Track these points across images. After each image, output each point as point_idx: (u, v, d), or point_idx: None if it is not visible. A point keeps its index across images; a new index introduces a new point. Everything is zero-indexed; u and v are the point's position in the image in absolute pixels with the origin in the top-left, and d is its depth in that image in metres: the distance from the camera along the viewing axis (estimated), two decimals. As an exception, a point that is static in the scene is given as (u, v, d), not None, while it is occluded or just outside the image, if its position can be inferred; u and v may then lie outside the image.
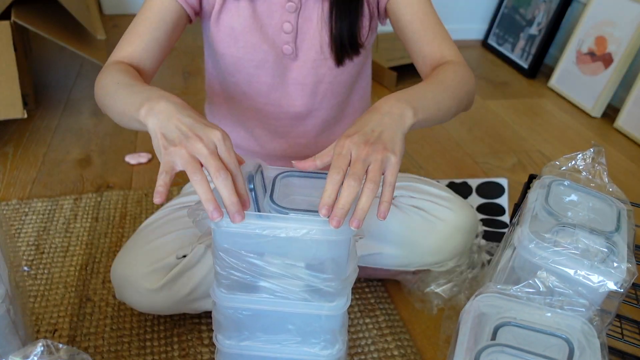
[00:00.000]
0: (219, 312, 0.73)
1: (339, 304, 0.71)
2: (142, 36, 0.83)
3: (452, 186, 1.44)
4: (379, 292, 1.10)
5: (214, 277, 0.71)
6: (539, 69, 2.28)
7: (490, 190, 1.43)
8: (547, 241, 0.67)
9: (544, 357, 0.55)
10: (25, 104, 1.51)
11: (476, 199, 1.40)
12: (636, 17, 1.87)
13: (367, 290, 1.11)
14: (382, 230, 0.97)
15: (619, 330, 0.94)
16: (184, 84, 2.07)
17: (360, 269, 0.74)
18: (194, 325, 1.00)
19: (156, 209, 1.31)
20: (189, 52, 2.31)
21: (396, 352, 0.97)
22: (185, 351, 0.96)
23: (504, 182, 1.45)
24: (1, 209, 1.30)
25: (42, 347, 0.51)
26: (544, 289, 0.62)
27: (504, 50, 2.47)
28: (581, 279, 0.65)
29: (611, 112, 1.94)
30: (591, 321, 0.61)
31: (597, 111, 1.95)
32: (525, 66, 2.31)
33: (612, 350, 0.95)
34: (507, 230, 0.80)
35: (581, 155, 0.79)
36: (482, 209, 1.36)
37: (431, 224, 0.98)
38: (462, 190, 1.42)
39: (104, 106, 0.78)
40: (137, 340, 0.97)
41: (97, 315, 1.02)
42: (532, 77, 2.29)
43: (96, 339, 0.97)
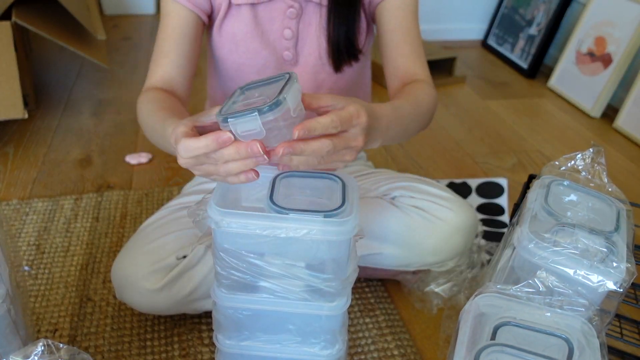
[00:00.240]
0: (219, 312, 0.74)
1: (339, 304, 0.71)
2: (168, 55, 0.87)
3: (451, 186, 1.44)
4: (379, 292, 1.10)
5: (215, 277, 0.72)
6: (538, 69, 2.29)
7: (489, 190, 1.43)
8: (547, 241, 0.68)
9: (544, 356, 0.56)
10: (25, 104, 1.51)
11: (476, 199, 1.40)
12: (636, 17, 1.87)
13: (367, 290, 1.11)
14: (382, 230, 0.97)
15: (618, 329, 0.94)
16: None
17: (360, 269, 0.74)
18: (194, 325, 1.01)
19: (156, 209, 1.31)
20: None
21: (396, 352, 0.97)
22: (185, 351, 0.96)
23: (503, 182, 1.45)
24: (2, 208, 1.30)
25: (43, 347, 0.51)
26: (544, 289, 0.62)
27: (504, 50, 2.47)
28: (581, 278, 0.65)
29: (610, 112, 1.94)
30: (591, 321, 0.61)
31: (596, 111, 1.96)
32: (524, 66, 2.31)
33: (611, 349, 0.95)
34: (506, 230, 0.80)
35: (580, 155, 0.79)
36: (481, 208, 1.37)
37: (431, 224, 0.98)
38: (461, 190, 1.43)
39: (144, 132, 0.86)
40: (137, 339, 0.98)
41: (97, 315, 1.02)
42: (531, 77, 2.29)
43: (97, 338, 0.98)
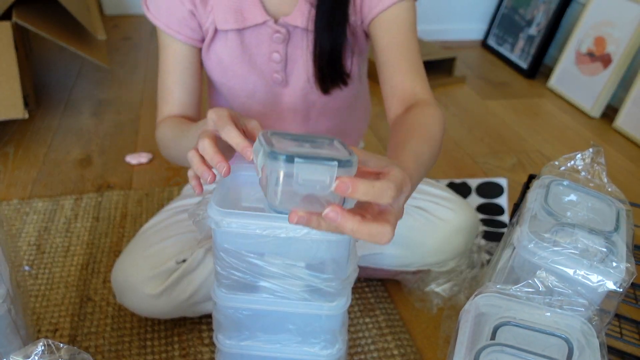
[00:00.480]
0: (219, 312, 0.74)
1: (339, 304, 0.71)
2: (173, 92, 0.89)
3: (451, 186, 1.44)
4: (379, 292, 1.10)
5: (215, 277, 0.72)
6: (538, 69, 2.29)
7: (489, 190, 1.43)
8: (547, 241, 0.68)
9: (544, 356, 0.56)
10: (26, 104, 1.51)
11: (476, 199, 1.40)
12: (635, 17, 1.87)
13: (367, 289, 1.11)
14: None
15: (618, 329, 0.94)
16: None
17: (360, 269, 0.74)
18: (194, 325, 1.01)
19: (157, 209, 1.31)
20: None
21: (396, 352, 0.98)
22: (185, 351, 0.96)
23: (503, 182, 1.45)
24: (2, 208, 1.30)
25: (43, 347, 0.51)
26: (543, 289, 0.62)
27: (504, 50, 2.47)
28: (580, 278, 0.65)
29: (610, 112, 1.94)
30: (590, 321, 0.61)
31: (596, 111, 1.96)
32: (524, 66, 2.31)
33: (611, 349, 0.95)
34: (506, 230, 0.80)
35: (580, 155, 0.79)
36: (481, 208, 1.37)
37: (432, 224, 0.98)
38: (461, 190, 1.43)
39: (171, 157, 0.86)
40: (137, 339, 0.98)
41: (97, 314, 1.03)
42: (531, 77, 2.29)
43: (97, 338, 0.98)
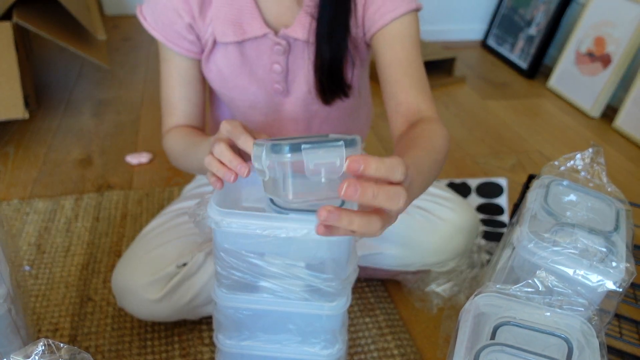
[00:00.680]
0: (219, 312, 0.74)
1: (339, 304, 0.71)
2: (177, 106, 0.90)
3: (451, 186, 1.44)
4: (379, 292, 1.10)
5: (215, 277, 0.72)
6: (538, 69, 2.29)
7: (489, 190, 1.43)
8: (546, 241, 0.68)
9: (543, 356, 0.56)
10: (26, 105, 1.52)
11: (476, 199, 1.40)
12: (635, 17, 1.87)
13: (367, 289, 1.11)
14: (383, 230, 0.97)
15: (617, 329, 0.94)
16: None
17: (361, 269, 0.74)
18: (194, 324, 1.01)
19: (157, 209, 1.31)
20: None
21: (396, 352, 0.98)
22: (185, 350, 0.96)
23: (503, 182, 1.45)
24: (2, 208, 1.30)
25: (43, 347, 0.51)
26: (543, 289, 0.62)
27: (503, 50, 2.47)
28: (580, 278, 0.65)
29: (610, 113, 1.94)
30: (590, 321, 0.61)
31: (595, 111, 1.96)
32: (524, 67, 2.31)
33: (611, 349, 0.95)
34: (506, 230, 0.81)
35: (580, 155, 0.79)
36: (481, 208, 1.37)
37: (433, 224, 0.98)
38: (461, 190, 1.43)
39: (181, 167, 0.89)
40: (137, 339, 0.98)
41: (98, 314, 1.03)
42: (531, 77, 2.29)
43: (97, 338, 0.98)
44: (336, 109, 0.92)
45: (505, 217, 1.34)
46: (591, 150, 0.78)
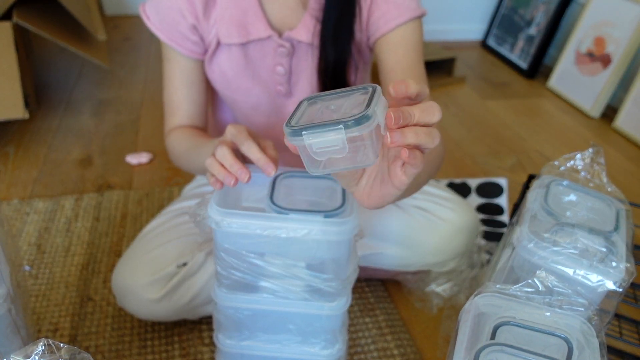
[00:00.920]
0: (219, 312, 0.74)
1: (339, 304, 0.71)
2: (180, 106, 0.90)
3: (451, 186, 1.44)
4: (379, 292, 1.10)
5: (215, 277, 0.72)
6: (538, 69, 2.29)
7: (489, 190, 1.43)
8: (546, 241, 0.68)
9: (543, 356, 0.56)
10: (26, 105, 1.52)
11: (475, 199, 1.40)
12: (635, 17, 1.87)
13: (367, 289, 1.11)
14: (383, 230, 0.97)
15: (617, 329, 0.94)
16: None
17: (361, 269, 0.74)
18: (194, 324, 1.01)
19: (157, 209, 1.31)
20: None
21: (396, 352, 0.98)
22: (185, 350, 0.96)
23: (503, 182, 1.45)
24: (3, 208, 1.30)
25: (43, 347, 0.51)
26: (543, 289, 0.62)
27: (503, 50, 2.47)
28: (580, 278, 0.65)
29: (610, 113, 1.94)
30: (590, 320, 0.61)
31: (595, 111, 1.96)
32: (524, 66, 2.31)
33: (610, 349, 0.95)
34: (506, 230, 0.81)
35: (580, 155, 0.79)
36: (481, 208, 1.37)
37: (433, 224, 0.98)
38: (461, 190, 1.43)
39: (183, 167, 0.89)
40: (137, 339, 0.98)
41: (98, 314, 1.03)
42: (531, 77, 2.29)
43: (97, 338, 0.98)
44: None
45: (505, 217, 1.34)
46: (591, 150, 0.78)
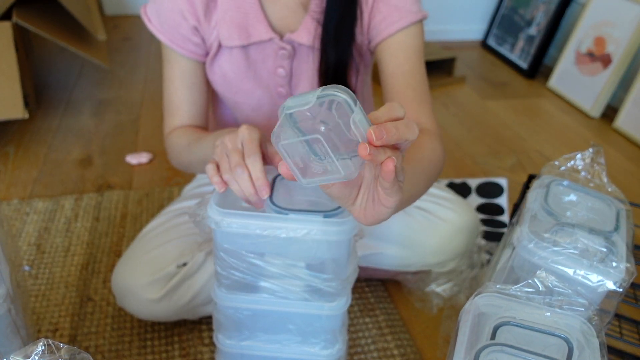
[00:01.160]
0: (219, 312, 0.74)
1: (339, 304, 0.71)
2: (181, 108, 0.89)
3: (451, 186, 1.44)
4: (379, 292, 1.10)
5: (215, 277, 0.72)
6: (538, 69, 2.29)
7: (489, 190, 1.43)
8: (546, 241, 0.68)
9: (543, 356, 0.56)
10: (26, 104, 1.52)
11: (476, 199, 1.40)
12: (635, 17, 1.87)
13: (367, 289, 1.11)
14: (383, 230, 0.97)
15: (617, 329, 0.94)
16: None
17: (361, 269, 0.74)
18: (194, 324, 1.01)
19: (157, 209, 1.31)
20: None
21: (396, 352, 0.98)
22: (185, 350, 0.96)
23: (503, 182, 1.45)
24: (2, 208, 1.30)
25: (43, 347, 0.51)
26: (543, 289, 0.62)
27: (503, 50, 2.47)
28: (580, 278, 0.65)
29: (610, 113, 1.94)
30: (590, 321, 0.61)
31: (596, 111, 1.96)
32: (524, 66, 2.31)
33: (611, 349, 0.95)
34: (506, 230, 0.81)
35: (580, 155, 0.79)
36: (481, 208, 1.37)
37: (433, 224, 0.98)
38: (461, 190, 1.43)
39: (184, 165, 0.88)
40: (137, 339, 0.98)
41: (97, 314, 1.03)
42: (531, 77, 2.29)
43: (97, 338, 0.98)
44: None
45: (505, 217, 1.33)
46: (591, 150, 0.78)
